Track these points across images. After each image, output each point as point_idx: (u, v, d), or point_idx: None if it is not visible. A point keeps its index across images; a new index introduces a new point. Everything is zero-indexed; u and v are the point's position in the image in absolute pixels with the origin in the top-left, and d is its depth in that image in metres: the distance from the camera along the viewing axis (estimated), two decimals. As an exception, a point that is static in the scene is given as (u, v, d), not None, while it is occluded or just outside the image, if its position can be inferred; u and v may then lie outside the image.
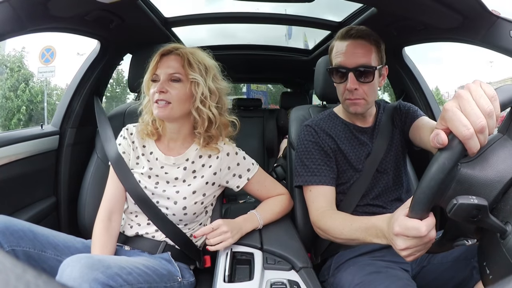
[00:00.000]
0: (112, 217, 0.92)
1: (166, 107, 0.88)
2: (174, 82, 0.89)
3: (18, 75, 11.92)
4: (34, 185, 1.17)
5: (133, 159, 0.97)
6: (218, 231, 0.83)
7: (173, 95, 0.88)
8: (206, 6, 1.70)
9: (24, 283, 0.14)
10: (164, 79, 0.89)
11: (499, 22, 0.84)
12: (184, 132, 0.96)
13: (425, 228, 0.50)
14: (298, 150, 1.01)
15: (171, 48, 0.92)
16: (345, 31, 0.93)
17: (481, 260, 0.52)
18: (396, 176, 0.99)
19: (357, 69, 0.90)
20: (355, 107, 0.94)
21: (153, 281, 0.77)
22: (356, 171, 0.97)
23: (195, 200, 0.93)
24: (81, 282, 0.60)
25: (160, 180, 0.94)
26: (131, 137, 0.98)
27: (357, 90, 0.91)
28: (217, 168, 0.95)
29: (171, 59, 0.90)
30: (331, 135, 0.99)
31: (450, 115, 0.44)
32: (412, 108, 1.03)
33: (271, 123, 2.70)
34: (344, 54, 0.91)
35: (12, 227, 0.77)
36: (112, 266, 0.67)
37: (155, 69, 0.90)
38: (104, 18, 1.08)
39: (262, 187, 1.01)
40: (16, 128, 11.25)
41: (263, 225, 0.95)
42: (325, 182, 0.93)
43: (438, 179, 0.46)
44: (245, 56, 2.24)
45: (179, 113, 0.90)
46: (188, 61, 0.89)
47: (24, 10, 0.77)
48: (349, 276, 0.84)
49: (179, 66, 0.89)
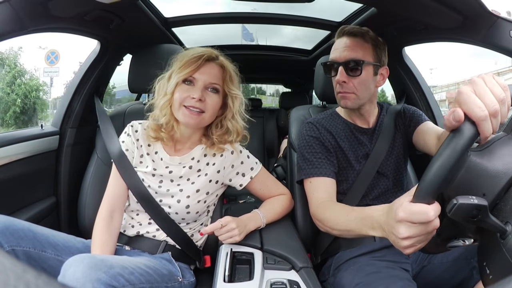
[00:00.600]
0: (114, 215, 0.91)
1: (198, 116, 0.86)
2: (211, 92, 0.88)
3: (15, 71, 12.44)
4: (34, 185, 1.17)
5: (137, 157, 0.96)
6: (227, 228, 0.84)
7: (209, 106, 0.86)
8: (206, 6, 1.71)
9: (24, 283, 0.14)
10: (202, 86, 0.86)
11: (499, 22, 0.84)
12: (196, 137, 0.96)
13: (433, 212, 0.47)
14: (300, 146, 1.02)
15: (214, 55, 0.90)
16: (341, 29, 0.98)
17: (481, 260, 0.52)
18: (397, 178, 1.00)
19: (346, 63, 0.93)
20: (345, 100, 0.96)
21: (154, 281, 0.77)
22: (354, 170, 0.97)
23: (198, 199, 0.93)
24: (84, 282, 0.60)
25: (164, 179, 0.94)
26: (136, 134, 0.96)
27: (346, 84, 0.94)
28: (221, 166, 0.95)
29: (213, 67, 0.88)
30: (332, 132, 1.00)
31: (465, 97, 0.44)
32: (416, 112, 1.04)
33: (271, 123, 2.70)
34: (337, 50, 0.96)
35: (12, 227, 0.77)
36: (115, 266, 0.67)
37: (194, 72, 0.86)
38: (104, 18, 1.08)
39: (264, 187, 1.01)
40: (11, 119, 12.00)
41: (266, 223, 0.95)
42: (325, 174, 0.94)
43: (450, 161, 0.45)
44: (245, 56, 2.23)
45: (207, 123, 0.90)
46: (230, 75, 0.89)
47: (24, 10, 0.77)
48: (349, 276, 0.84)
49: (220, 78, 0.89)
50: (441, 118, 1.36)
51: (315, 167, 0.95)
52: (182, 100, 0.85)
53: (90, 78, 1.30)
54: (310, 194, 0.94)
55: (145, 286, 0.73)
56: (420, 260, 0.87)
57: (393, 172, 0.98)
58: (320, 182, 0.94)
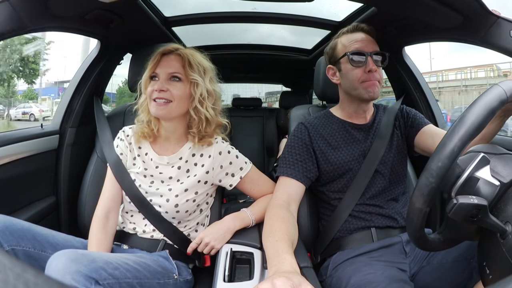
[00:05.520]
0: (109, 215, 0.94)
1: (165, 106, 0.89)
2: (174, 82, 0.91)
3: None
4: (34, 184, 1.17)
5: (130, 160, 0.99)
6: (202, 245, 0.90)
7: (174, 94, 0.90)
8: (206, 5, 1.70)
9: (23, 282, 0.14)
10: (164, 78, 0.91)
11: (499, 22, 0.84)
12: (179, 132, 0.98)
13: None
14: (285, 144, 1.04)
15: (172, 48, 0.94)
16: (355, 25, 1.00)
17: (481, 260, 0.52)
18: (394, 177, 1.00)
19: (374, 53, 0.96)
20: (373, 87, 0.96)
21: (143, 277, 0.77)
22: (351, 169, 0.97)
23: (186, 198, 0.94)
24: (64, 274, 0.62)
25: (155, 179, 0.96)
26: (128, 138, 1.00)
27: (376, 72, 0.96)
28: (210, 167, 0.96)
29: (172, 59, 0.92)
30: (323, 134, 1.01)
31: None
32: (418, 114, 1.06)
33: (271, 122, 2.70)
34: (359, 41, 0.97)
35: (12, 226, 0.77)
36: (97, 260, 0.68)
37: (155, 67, 0.92)
38: (104, 18, 1.08)
39: (255, 186, 1.02)
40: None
41: (256, 222, 0.96)
42: (294, 176, 0.95)
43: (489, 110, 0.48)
44: (245, 55, 2.23)
45: (177, 112, 0.92)
46: (188, 61, 0.92)
47: (24, 9, 0.77)
48: (346, 276, 0.84)
49: (180, 66, 0.92)
50: (441, 118, 1.36)
51: (287, 167, 0.96)
52: (150, 94, 0.91)
53: (90, 77, 1.30)
54: (275, 190, 0.96)
55: (131, 281, 0.73)
56: (419, 260, 0.87)
57: (390, 170, 0.98)
58: (286, 182, 0.95)
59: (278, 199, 0.90)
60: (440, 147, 0.50)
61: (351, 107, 1.02)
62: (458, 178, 0.54)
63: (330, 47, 1.04)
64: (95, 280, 0.65)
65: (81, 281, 0.62)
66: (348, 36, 0.99)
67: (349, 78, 0.98)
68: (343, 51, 0.98)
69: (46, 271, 0.64)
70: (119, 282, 0.70)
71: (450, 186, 0.54)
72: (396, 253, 0.90)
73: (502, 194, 0.51)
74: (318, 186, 1.01)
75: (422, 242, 0.57)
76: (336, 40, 1.02)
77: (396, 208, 0.97)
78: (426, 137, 0.98)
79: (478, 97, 0.50)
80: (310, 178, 0.97)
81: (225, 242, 0.89)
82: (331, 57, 1.03)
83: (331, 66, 1.03)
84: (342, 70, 0.99)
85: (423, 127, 1.00)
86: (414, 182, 1.19)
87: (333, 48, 1.02)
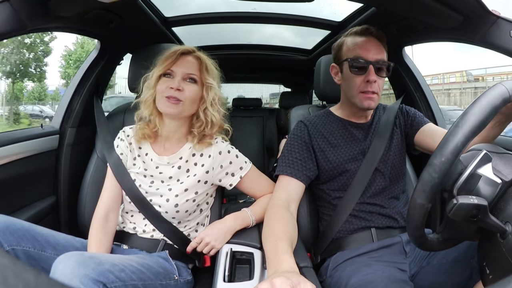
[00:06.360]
0: (109, 215, 0.94)
1: (177, 105, 0.89)
2: (189, 83, 0.92)
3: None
4: (34, 184, 1.17)
5: (130, 160, 0.99)
6: (202, 245, 0.90)
7: (187, 95, 0.90)
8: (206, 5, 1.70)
9: (23, 282, 0.14)
10: (180, 77, 0.91)
11: (499, 22, 0.84)
12: (181, 132, 0.98)
13: None
14: (285, 143, 1.04)
15: (190, 49, 0.96)
16: (365, 28, 0.96)
17: (481, 260, 0.52)
18: (394, 176, 1.00)
19: (377, 63, 0.93)
20: (369, 101, 0.94)
21: (147, 279, 0.77)
22: (350, 168, 0.97)
23: (186, 198, 0.94)
24: (72, 277, 0.61)
25: (155, 179, 0.96)
26: (128, 138, 1.00)
27: (375, 83, 0.93)
28: (210, 167, 0.96)
29: (190, 60, 0.94)
30: (322, 133, 1.01)
31: None
32: (418, 113, 1.06)
33: (271, 122, 2.70)
34: (364, 48, 0.94)
35: (12, 226, 0.77)
36: (104, 263, 0.68)
37: (171, 65, 0.92)
38: (104, 18, 1.08)
39: (255, 185, 1.02)
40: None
41: (257, 222, 0.96)
42: (294, 175, 0.94)
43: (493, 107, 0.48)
44: (245, 56, 2.23)
45: (187, 113, 0.93)
46: (206, 66, 0.94)
47: (24, 9, 0.77)
48: (346, 276, 0.84)
49: (197, 69, 0.93)
50: (441, 118, 1.36)
51: (287, 166, 0.96)
52: (163, 91, 0.90)
53: (90, 77, 1.30)
54: (274, 190, 0.95)
55: (136, 283, 0.73)
56: (419, 260, 0.87)
57: (390, 169, 0.98)
58: (285, 181, 0.95)
59: (277, 199, 0.90)
60: (443, 142, 0.50)
61: (351, 108, 1.02)
62: (460, 175, 0.54)
63: (337, 44, 1.02)
64: (103, 284, 0.64)
65: (89, 285, 0.62)
66: (355, 39, 0.96)
67: (348, 84, 0.97)
68: (346, 55, 0.97)
69: (53, 274, 0.64)
70: (125, 284, 0.70)
71: (452, 184, 0.54)
72: (396, 253, 0.90)
73: (502, 193, 0.51)
74: (319, 184, 1.01)
75: (421, 241, 0.57)
76: (343, 39, 1.00)
77: (397, 207, 0.97)
78: (427, 136, 0.98)
79: (481, 94, 0.50)
80: (310, 176, 0.97)
81: (225, 242, 0.89)
82: (335, 56, 1.02)
83: (335, 65, 1.03)
84: (343, 73, 0.99)
85: (423, 125, 1.00)
86: (413, 180, 1.19)
87: (339, 47, 1.01)
